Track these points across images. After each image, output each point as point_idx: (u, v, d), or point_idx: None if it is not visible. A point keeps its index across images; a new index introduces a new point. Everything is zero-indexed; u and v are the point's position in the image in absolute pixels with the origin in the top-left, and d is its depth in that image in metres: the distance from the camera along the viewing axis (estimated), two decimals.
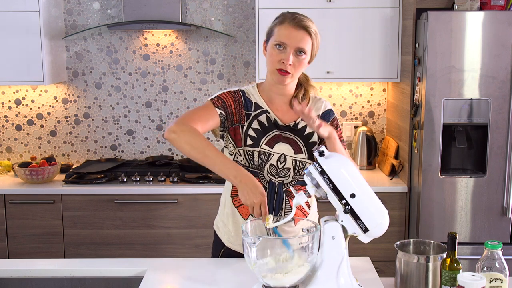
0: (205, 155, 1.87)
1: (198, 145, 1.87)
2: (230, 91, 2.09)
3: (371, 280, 1.89)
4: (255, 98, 2.08)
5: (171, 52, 3.80)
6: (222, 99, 2.05)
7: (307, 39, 1.97)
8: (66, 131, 3.87)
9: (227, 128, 2.05)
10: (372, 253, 2.86)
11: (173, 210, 3.35)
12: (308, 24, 1.97)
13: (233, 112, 2.04)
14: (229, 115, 2.04)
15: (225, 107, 2.03)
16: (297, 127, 2.08)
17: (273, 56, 1.98)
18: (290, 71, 1.97)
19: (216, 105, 2.03)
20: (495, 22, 2.99)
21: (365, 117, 3.86)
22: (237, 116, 2.05)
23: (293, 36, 1.95)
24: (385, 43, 3.45)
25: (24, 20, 3.40)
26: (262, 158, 2.02)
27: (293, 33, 1.95)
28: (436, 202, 3.13)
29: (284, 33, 1.96)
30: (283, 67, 1.97)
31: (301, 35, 1.96)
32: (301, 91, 2.10)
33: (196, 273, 1.98)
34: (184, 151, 1.90)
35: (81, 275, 2.01)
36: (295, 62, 1.97)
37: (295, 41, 1.95)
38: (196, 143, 1.87)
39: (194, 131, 1.90)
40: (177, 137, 1.89)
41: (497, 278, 1.68)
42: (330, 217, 1.73)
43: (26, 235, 3.36)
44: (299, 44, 1.95)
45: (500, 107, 3.04)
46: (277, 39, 1.97)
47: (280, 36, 1.96)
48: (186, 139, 1.88)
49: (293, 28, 1.95)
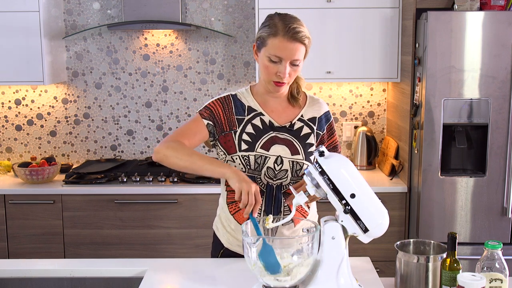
0: (192, 162, 1.92)
1: (183, 156, 1.93)
2: (220, 98, 2.08)
3: (371, 280, 1.89)
4: (248, 101, 2.07)
5: (171, 52, 3.80)
6: (209, 108, 2.05)
7: (302, 50, 1.94)
8: (66, 131, 3.87)
9: (217, 137, 2.05)
10: (372, 253, 2.86)
11: (173, 210, 3.35)
12: (301, 35, 1.92)
13: (221, 120, 2.04)
14: (217, 124, 2.04)
15: (213, 116, 2.04)
16: (293, 128, 2.07)
17: (269, 69, 1.96)
18: (286, 81, 1.98)
19: (203, 116, 2.04)
20: (495, 22, 2.99)
21: (365, 117, 3.86)
22: (227, 123, 2.04)
23: (289, 49, 1.91)
24: (385, 43, 3.45)
25: (24, 20, 3.40)
26: (258, 162, 2.01)
27: (288, 46, 1.91)
28: (436, 202, 3.13)
29: (279, 46, 1.91)
30: (280, 80, 1.96)
31: (296, 47, 1.92)
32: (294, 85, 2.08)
33: (196, 273, 1.98)
34: (174, 166, 1.96)
35: (81, 275, 2.01)
36: (291, 72, 1.96)
37: (290, 54, 1.92)
38: (181, 154, 1.93)
39: (177, 144, 1.95)
40: (163, 156, 1.96)
41: (497, 278, 1.67)
42: (330, 217, 1.73)
43: (26, 235, 3.36)
44: (294, 57, 1.93)
45: (500, 107, 3.04)
46: (271, 53, 1.93)
47: (274, 50, 1.92)
48: (171, 154, 1.94)
49: (288, 42, 1.91)
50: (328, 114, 2.14)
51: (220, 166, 1.91)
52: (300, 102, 2.11)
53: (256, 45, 2.01)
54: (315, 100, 2.15)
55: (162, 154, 1.96)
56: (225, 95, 2.09)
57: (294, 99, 2.09)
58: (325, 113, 2.13)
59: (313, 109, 2.12)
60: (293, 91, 2.09)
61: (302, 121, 2.08)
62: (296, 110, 2.10)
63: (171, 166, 1.97)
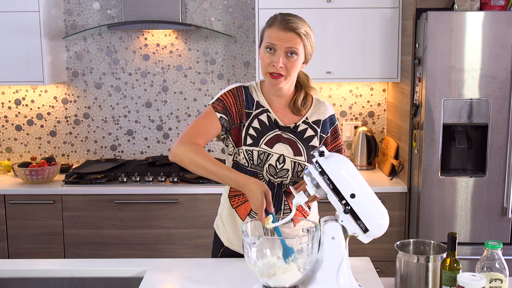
0: (208, 171, 1.93)
1: (200, 163, 1.93)
2: (232, 90, 2.07)
3: (371, 280, 1.89)
4: (257, 96, 2.08)
5: (171, 52, 3.80)
6: (222, 101, 2.05)
7: (296, 40, 1.95)
8: (66, 131, 3.87)
9: (229, 130, 2.05)
10: (372, 253, 2.87)
11: (173, 210, 3.35)
12: (296, 25, 1.95)
13: (233, 112, 2.04)
14: (230, 117, 2.04)
15: (225, 109, 2.03)
16: (297, 129, 2.07)
17: (264, 59, 1.98)
18: (282, 73, 1.96)
19: (216, 109, 2.03)
20: (495, 22, 2.99)
21: (365, 117, 3.86)
22: (238, 116, 2.05)
23: (282, 38, 1.94)
24: (385, 43, 3.45)
25: (24, 20, 3.40)
26: (261, 158, 2.02)
27: (281, 35, 1.94)
28: (436, 202, 3.13)
29: (273, 35, 1.95)
30: (274, 70, 1.96)
31: (290, 36, 1.94)
32: (301, 94, 2.08)
33: (196, 273, 1.98)
34: (190, 169, 1.98)
35: (81, 275, 2.01)
36: (286, 64, 1.95)
37: (283, 42, 1.94)
38: (198, 160, 1.93)
39: (194, 149, 1.95)
40: (180, 159, 1.97)
41: (497, 278, 1.68)
42: (330, 217, 1.74)
43: (26, 235, 3.36)
44: (287, 45, 1.94)
45: (500, 107, 3.04)
46: (266, 42, 1.97)
47: (269, 38, 1.96)
48: (188, 159, 1.95)
49: (281, 31, 1.94)
50: (333, 117, 2.14)
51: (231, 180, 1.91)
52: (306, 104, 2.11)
53: (259, 44, 2.04)
54: (321, 102, 2.14)
55: (179, 158, 1.96)
56: (237, 86, 2.09)
57: (296, 109, 2.08)
58: (330, 116, 2.13)
59: (319, 111, 2.11)
60: (297, 99, 2.07)
61: (307, 123, 2.08)
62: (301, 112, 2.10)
63: (186, 168, 1.98)
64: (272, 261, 1.74)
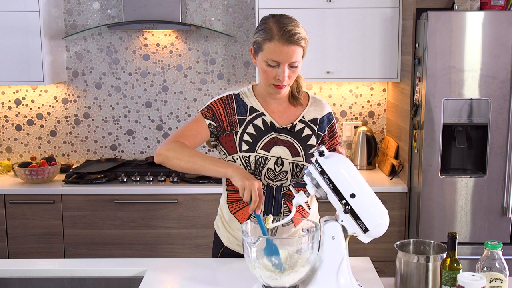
0: (194, 163, 1.91)
1: (185, 156, 1.92)
2: (222, 98, 2.07)
3: (371, 280, 1.89)
4: (250, 101, 2.06)
5: (171, 52, 3.80)
6: (211, 108, 2.05)
7: (299, 52, 1.92)
8: (66, 131, 3.87)
9: (218, 137, 2.05)
10: (372, 253, 2.87)
11: (173, 210, 3.35)
12: (297, 37, 1.89)
13: (223, 120, 2.03)
14: (219, 124, 2.03)
15: (214, 116, 2.03)
16: (294, 129, 2.06)
17: (268, 73, 1.94)
18: (286, 83, 1.96)
19: (205, 116, 2.03)
20: (495, 22, 2.99)
21: (365, 117, 3.86)
22: (229, 123, 2.03)
23: (285, 53, 1.89)
24: (385, 43, 3.45)
25: (24, 20, 3.40)
26: (258, 163, 2.01)
27: (284, 50, 1.88)
28: (436, 202, 3.13)
29: (275, 51, 1.89)
30: (279, 83, 1.95)
31: (293, 50, 1.89)
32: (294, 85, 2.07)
33: (196, 273, 1.98)
34: (176, 167, 1.95)
35: (81, 275, 2.01)
36: (290, 74, 1.94)
37: (287, 58, 1.90)
38: (182, 155, 1.92)
39: (178, 145, 1.94)
40: (164, 158, 1.95)
41: (497, 278, 1.68)
42: (330, 217, 1.73)
43: (26, 235, 3.36)
44: (292, 60, 1.90)
45: (500, 107, 3.04)
46: (268, 58, 1.91)
47: (271, 55, 1.90)
48: (173, 156, 1.93)
49: (284, 46, 1.88)
50: (330, 115, 2.13)
51: (222, 165, 1.90)
52: (302, 102, 2.10)
53: (253, 49, 1.99)
54: (318, 100, 2.14)
55: (163, 156, 1.95)
56: (227, 94, 2.08)
57: (295, 99, 2.08)
58: (327, 114, 2.12)
59: (315, 109, 2.11)
60: (293, 90, 2.08)
61: (304, 122, 2.08)
62: (298, 110, 2.09)
63: (173, 168, 1.96)
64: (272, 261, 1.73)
